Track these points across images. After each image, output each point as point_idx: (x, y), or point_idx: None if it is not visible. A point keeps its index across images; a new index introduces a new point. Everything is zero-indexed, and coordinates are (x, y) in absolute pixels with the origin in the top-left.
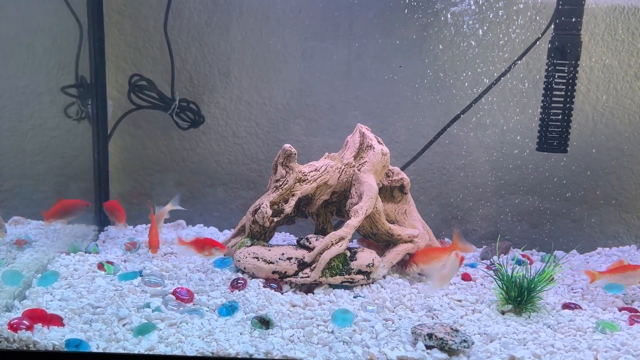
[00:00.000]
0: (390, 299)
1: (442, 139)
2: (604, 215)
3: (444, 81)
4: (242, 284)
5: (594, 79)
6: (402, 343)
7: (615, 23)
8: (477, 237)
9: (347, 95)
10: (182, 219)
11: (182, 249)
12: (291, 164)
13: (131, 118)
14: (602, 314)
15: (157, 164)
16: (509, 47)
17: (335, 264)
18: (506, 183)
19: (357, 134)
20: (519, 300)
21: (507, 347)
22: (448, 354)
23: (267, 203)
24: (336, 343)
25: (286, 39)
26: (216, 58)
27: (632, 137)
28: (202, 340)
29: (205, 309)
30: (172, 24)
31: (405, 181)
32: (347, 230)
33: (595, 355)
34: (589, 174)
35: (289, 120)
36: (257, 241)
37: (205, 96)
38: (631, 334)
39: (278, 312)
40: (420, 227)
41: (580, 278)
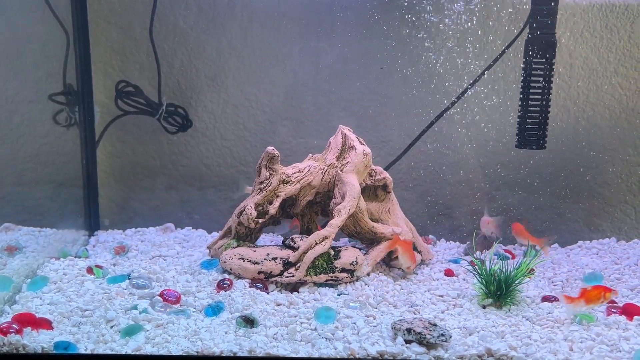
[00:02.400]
0: (373, 296)
1: (428, 138)
2: (588, 209)
3: (429, 81)
4: (228, 284)
5: (575, 75)
6: (382, 338)
7: (594, 20)
8: (464, 234)
9: (333, 96)
10: (171, 222)
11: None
12: (274, 166)
13: (120, 123)
14: None
15: (147, 169)
16: (492, 45)
17: (319, 262)
18: (491, 179)
19: (340, 135)
20: (499, 294)
21: (485, 340)
22: (426, 348)
23: (251, 205)
24: (319, 340)
25: (271, 42)
26: (202, 62)
27: (613, 132)
28: (187, 340)
29: (191, 309)
30: (158, 30)
31: (388, 180)
32: (330, 229)
33: (571, 346)
34: (572, 168)
35: (276, 122)
36: (243, 242)
37: (192, 100)
38: (607, 325)
39: (263, 311)
40: (403, 225)
41: (560, 271)
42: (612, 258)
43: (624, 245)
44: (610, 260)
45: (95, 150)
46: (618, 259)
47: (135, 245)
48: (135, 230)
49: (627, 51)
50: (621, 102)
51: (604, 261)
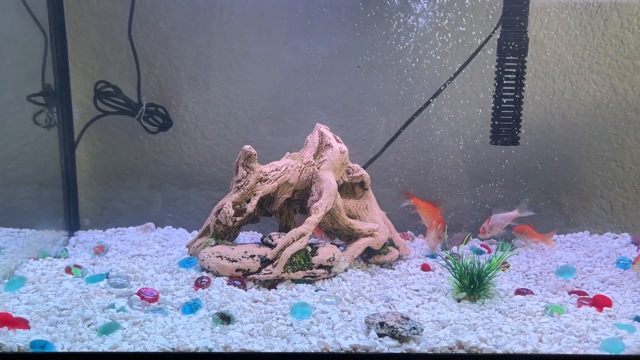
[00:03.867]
0: (350, 291)
1: (408, 135)
2: (565, 204)
3: (408, 79)
4: (205, 282)
5: (550, 72)
6: (356, 332)
7: (568, 18)
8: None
9: (313, 95)
10: (153, 221)
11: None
12: (252, 164)
13: (101, 124)
14: (552, 297)
15: (129, 169)
16: (472, 42)
17: (297, 259)
18: (470, 175)
19: (316, 134)
20: (472, 287)
21: (457, 332)
22: (399, 341)
23: (229, 203)
24: (294, 335)
25: (251, 41)
26: (183, 62)
27: (589, 128)
28: (164, 337)
29: (169, 307)
30: (138, 30)
31: (365, 177)
32: (307, 226)
33: (540, 337)
34: (549, 164)
35: (258, 121)
36: (221, 241)
37: (173, 100)
38: (577, 316)
39: (239, 307)
40: (380, 221)
41: (534, 264)
42: (585, 251)
43: (596, 239)
44: (583, 253)
45: (75, 151)
46: (591, 252)
47: (114, 244)
48: (115, 230)
49: (600, 48)
50: (596, 99)
51: (577, 254)
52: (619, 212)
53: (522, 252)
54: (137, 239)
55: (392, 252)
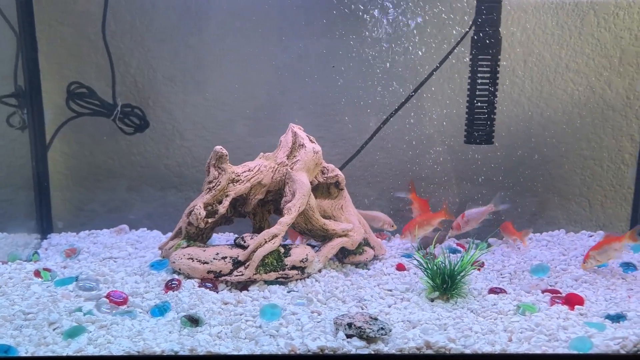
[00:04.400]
0: (323, 292)
1: (386, 135)
2: (544, 202)
3: (386, 78)
4: (176, 284)
5: (528, 71)
6: (324, 334)
7: (545, 17)
8: None
9: (292, 95)
10: (130, 223)
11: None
12: (223, 165)
13: (77, 125)
14: (525, 296)
15: (106, 170)
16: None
17: (269, 260)
18: (449, 175)
19: (290, 134)
20: (445, 287)
21: (427, 332)
22: (367, 342)
23: (200, 204)
24: (263, 337)
25: (228, 41)
26: (160, 62)
27: (567, 127)
28: (130, 340)
29: (138, 310)
30: (114, 30)
31: (340, 177)
32: (279, 227)
33: (510, 337)
34: (528, 163)
35: (236, 122)
36: (193, 242)
37: (150, 100)
38: (548, 315)
39: (209, 310)
40: (355, 222)
41: (509, 263)
42: (560, 249)
43: (572, 237)
44: (558, 252)
45: (46, 153)
46: (566, 250)
47: (87, 247)
48: (88, 233)
49: (577, 47)
50: (573, 97)
51: (552, 252)
52: (598, 211)
53: (497, 251)
54: (110, 241)
55: (367, 252)
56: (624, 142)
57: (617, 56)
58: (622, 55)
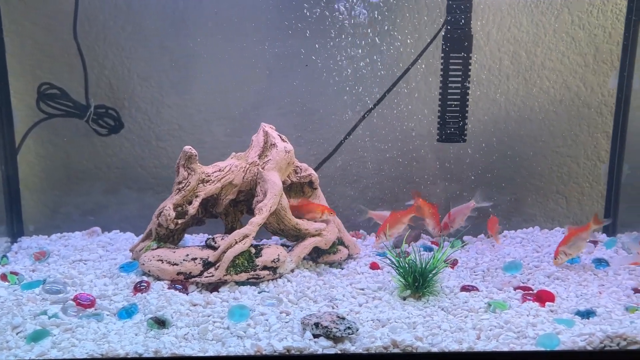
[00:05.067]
0: (294, 292)
1: (366, 134)
2: (522, 200)
3: (364, 77)
4: (145, 286)
5: (504, 69)
6: (292, 334)
7: (520, 15)
8: None
9: (269, 94)
10: (107, 225)
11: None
12: (192, 165)
13: (51, 126)
14: (497, 294)
15: (82, 172)
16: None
17: (240, 261)
18: (428, 173)
19: (261, 133)
20: (417, 285)
21: (395, 331)
22: (333, 342)
23: (169, 205)
24: (230, 338)
25: (204, 41)
26: (135, 63)
27: (543, 124)
28: (94, 343)
29: (106, 313)
30: (88, 31)
31: (314, 177)
32: (250, 227)
33: (479, 334)
34: (505, 160)
35: (212, 122)
36: (164, 244)
37: (126, 101)
38: (518, 312)
39: (176, 311)
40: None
41: (482, 261)
42: (534, 246)
43: (546, 234)
44: (532, 249)
45: (16, 155)
46: (540, 247)
47: (57, 250)
48: (60, 235)
49: (552, 45)
50: (549, 95)
51: (525, 250)
52: (575, 207)
53: (471, 249)
54: (81, 244)
55: (341, 251)
56: (600, 139)
57: (591, 54)
58: (596, 53)
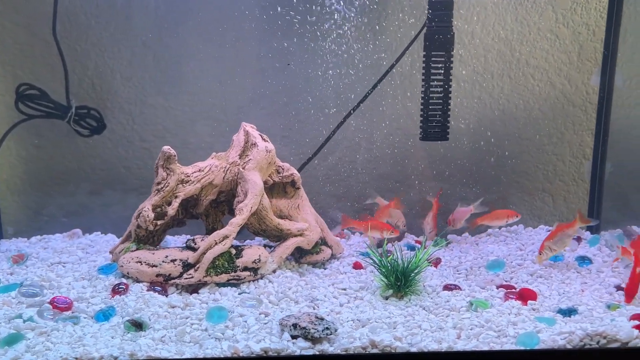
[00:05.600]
0: (275, 293)
1: (350, 134)
2: (508, 199)
3: (348, 77)
4: (123, 289)
5: (489, 68)
6: (270, 335)
7: (504, 13)
8: None
9: (253, 94)
10: (90, 227)
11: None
12: (171, 165)
13: (33, 128)
14: (480, 292)
15: (65, 174)
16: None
17: (220, 262)
18: (413, 172)
19: (242, 133)
20: (399, 284)
21: (375, 331)
22: (312, 342)
23: (148, 207)
24: (208, 340)
25: (188, 41)
26: (117, 63)
27: (528, 123)
28: (69, 346)
29: (83, 316)
30: (69, 31)
31: (296, 176)
32: (231, 228)
33: (459, 334)
34: (492, 160)
35: (196, 122)
36: (143, 245)
37: (109, 102)
38: (500, 311)
39: (154, 313)
40: (312, 221)
41: (466, 259)
42: (518, 244)
43: (530, 232)
44: (515, 247)
45: None
46: (523, 245)
47: (36, 253)
48: (40, 238)
49: (537, 43)
50: (534, 93)
51: (509, 248)
52: (561, 205)
53: (455, 247)
54: (60, 246)
55: (324, 251)
56: (585, 136)
57: (575, 51)
58: (580, 51)
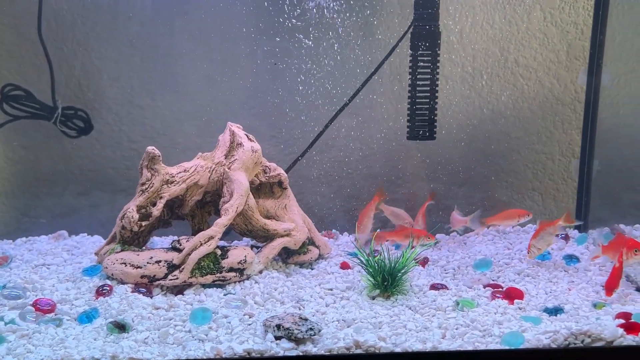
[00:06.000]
0: (261, 294)
1: (341, 133)
2: (498, 197)
3: (335, 77)
4: (107, 290)
5: (477, 66)
6: (253, 336)
7: (493, 12)
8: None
9: (242, 94)
10: (77, 228)
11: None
12: (156, 166)
13: (20, 129)
14: (467, 292)
15: (53, 175)
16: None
17: (205, 263)
18: (403, 171)
19: (228, 133)
20: (386, 284)
21: (360, 331)
22: (295, 343)
23: (133, 207)
24: (191, 341)
25: (175, 40)
26: (104, 63)
27: (517, 121)
28: (51, 349)
29: (66, 318)
30: (56, 31)
31: (283, 176)
32: (216, 229)
33: (444, 333)
34: (480, 158)
35: (184, 122)
36: (128, 247)
37: (96, 102)
38: (486, 310)
39: (138, 315)
40: (299, 221)
41: (453, 259)
42: (505, 243)
43: (518, 231)
44: (503, 246)
45: None
46: (511, 244)
47: (21, 254)
48: (25, 240)
49: (525, 42)
50: (523, 92)
51: (496, 247)
52: (550, 204)
53: (443, 247)
54: (45, 248)
55: (311, 251)
56: (574, 135)
57: (564, 50)
58: (569, 49)
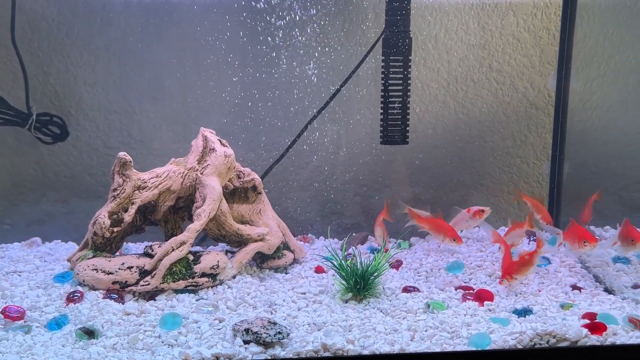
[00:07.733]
0: (233, 298)
1: (318, 137)
2: (474, 201)
3: (313, 81)
4: (78, 297)
5: (453, 72)
6: (223, 341)
7: (467, 18)
8: (355, 230)
9: (218, 98)
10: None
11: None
12: (127, 171)
13: None
14: (438, 294)
15: (29, 182)
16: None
17: (177, 269)
18: (380, 176)
19: (200, 138)
20: (358, 287)
21: (329, 335)
22: (264, 347)
23: (104, 213)
24: (160, 347)
25: (152, 46)
26: (81, 69)
27: (492, 126)
28: (18, 356)
29: (35, 325)
30: (31, 37)
31: (257, 181)
32: (188, 234)
33: (413, 335)
34: (457, 162)
35: (162, 128)
36: (100, 253)
37: (72, 109)
38: (456, 312)
39: (107, 321)
40: (274, 226)
41: (426, 262)
42: (478, 246)
43: None
44: (476, 248)
45: None
46: (483, 247)
47: None
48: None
49: (499, 47)
50: (497, 96)
51: (469, 249)
52: (526, 207)
53: (418, 249)
54: (18, 255)
55: (286, 256)
56: (548, 139)
57: (537, 55)
58: (542, 55)
